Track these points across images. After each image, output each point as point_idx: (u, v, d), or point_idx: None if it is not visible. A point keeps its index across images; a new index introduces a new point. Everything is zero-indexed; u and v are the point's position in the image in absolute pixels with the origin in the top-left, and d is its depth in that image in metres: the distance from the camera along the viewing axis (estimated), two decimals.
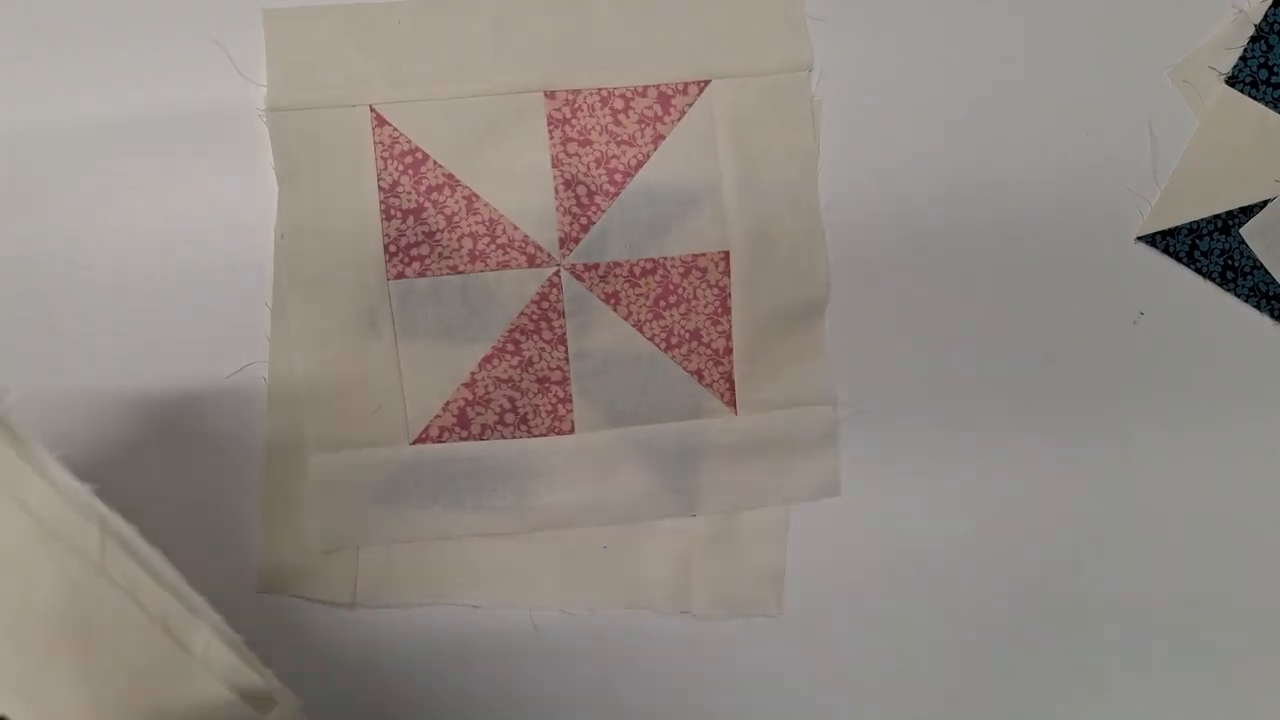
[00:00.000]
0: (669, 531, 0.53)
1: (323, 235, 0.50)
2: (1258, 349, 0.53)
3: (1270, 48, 0.51)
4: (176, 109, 0.50)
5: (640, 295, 0.52)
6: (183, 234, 0.50)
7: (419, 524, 0.51)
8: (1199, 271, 0.53)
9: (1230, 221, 0.52)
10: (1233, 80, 0.51)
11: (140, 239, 0.50)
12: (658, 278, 0.52)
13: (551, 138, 0.51)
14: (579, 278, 0.51)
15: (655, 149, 0.51)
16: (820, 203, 0.52)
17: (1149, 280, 0.53)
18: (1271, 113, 0.51)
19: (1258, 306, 0.52)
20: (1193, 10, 0.52)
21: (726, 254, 0.52)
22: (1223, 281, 0.52)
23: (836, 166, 0.52)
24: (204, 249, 0.50)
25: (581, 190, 0.51)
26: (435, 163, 0.51)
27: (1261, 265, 0.52)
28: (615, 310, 0.52)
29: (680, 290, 0.52)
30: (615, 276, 0.51)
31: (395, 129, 0.50)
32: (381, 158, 0.50)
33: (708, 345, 0.52)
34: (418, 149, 0.50)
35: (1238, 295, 0.53)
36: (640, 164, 0.51)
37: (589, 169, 0.51)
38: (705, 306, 0.52)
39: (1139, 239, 0.53)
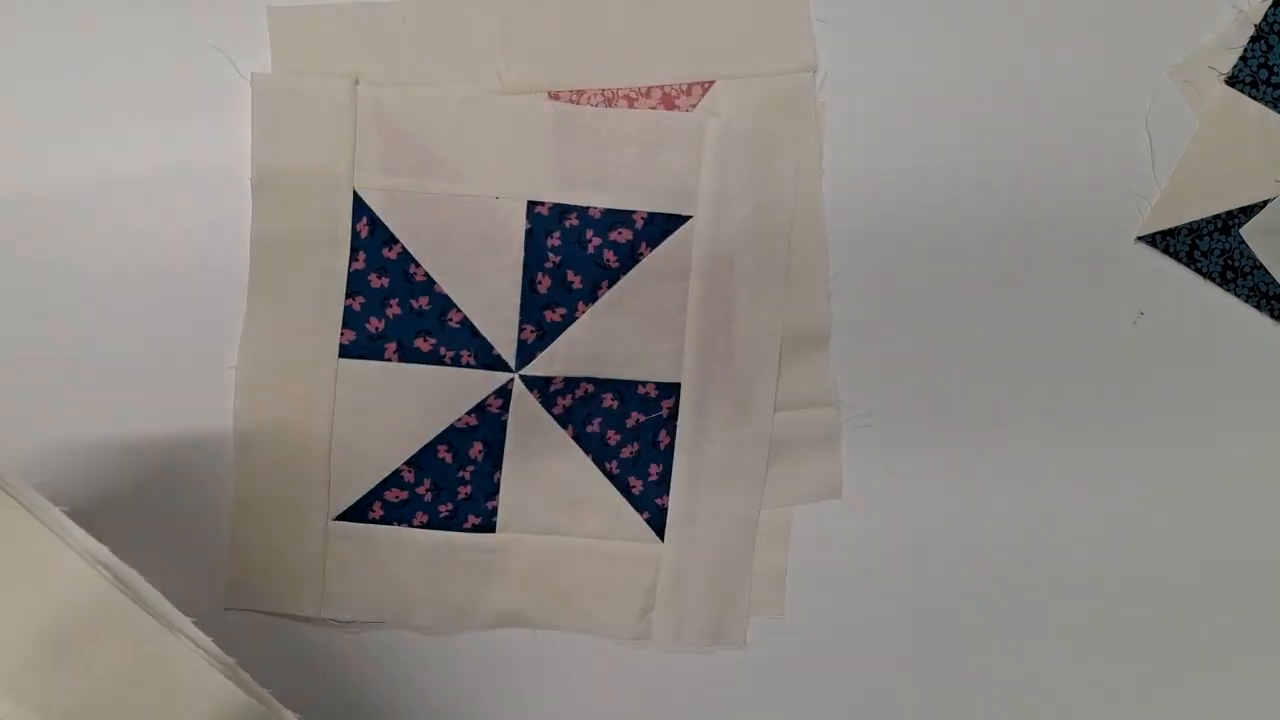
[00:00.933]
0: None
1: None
2: (1258, 349, 0.53)
3: (1270, 48, 0.51)
4: (174, 106, 0.50)
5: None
6: (173, 240, 0.50)
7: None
8: (1199, 271, 0.53)
9: (1230, 221, 0.52)
10: (1233, 80, 0.51)
11: (135, 242, 0.50)
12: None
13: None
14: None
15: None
16: (824, 203, 0.52)
17: (1149, 280, 0.53)
18: (1271, 113, 0.51)
19: (1258, 306, 0.53)
20: (1193, 10, 0.52)
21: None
22: (1223, 281, 0.53)
23: (839, 168, 0.52)
24: (196, 257, 0.50)
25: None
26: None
27: (1261, 265, 0.52)
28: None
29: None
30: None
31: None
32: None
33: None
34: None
35: (1238, 295, 0.53)
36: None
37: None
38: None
39: (1139, 239, 0.53)
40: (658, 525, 0.52)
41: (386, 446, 0.51)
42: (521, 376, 0.50)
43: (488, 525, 0.52)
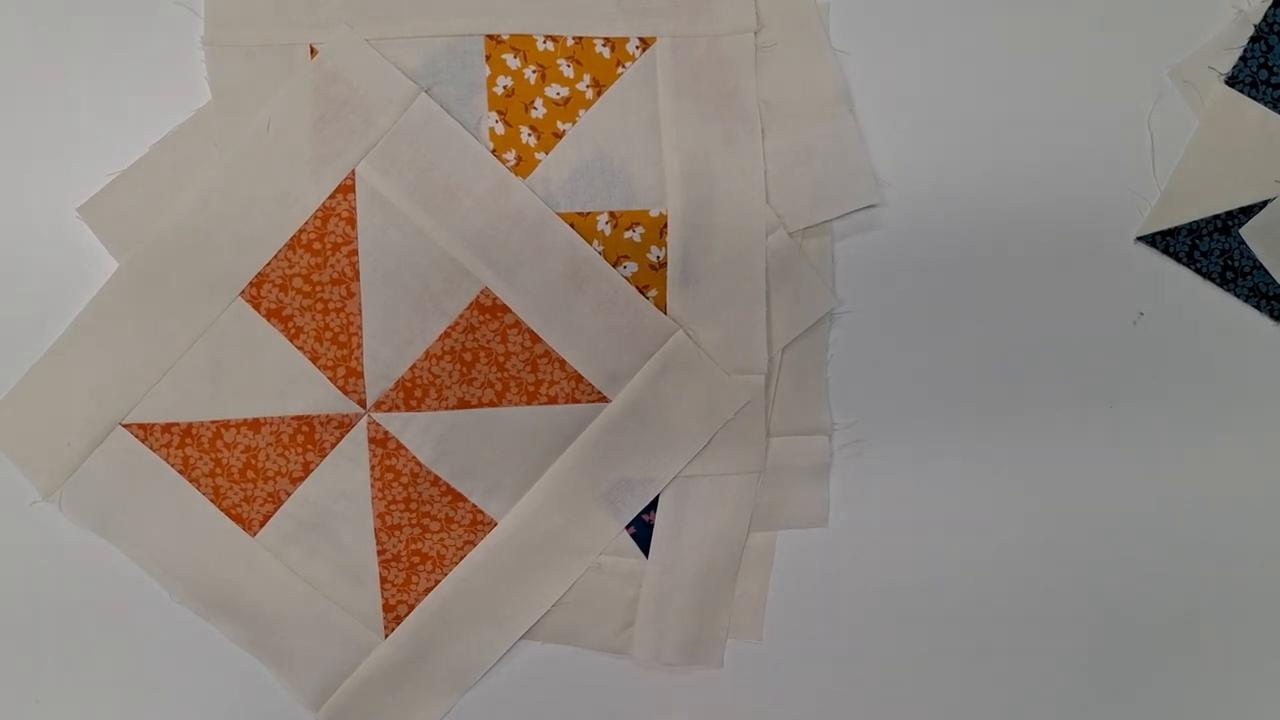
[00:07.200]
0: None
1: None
2: (1258, 349, 0.53)
3: (1270, 48, 0.51)
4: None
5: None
6: None
7: None
8: (1199, 271, 0.52)
9: (1230, 221, 0.52)
10: (1233, 80, 0.51)
11: None
12: None
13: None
14: None
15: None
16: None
17: (1149, 280, 0.53)
18: (1271, 113, 0.51)
19: (1258, 306, 0.52)
20: (1193, 10, 0.52)
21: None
22: (1223, 281, 0.52)
23: None
24: None
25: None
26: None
27: (1261, 265, 0.52)
28: None
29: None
30: None
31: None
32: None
33: None
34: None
35: (1238, 295, 0.52)
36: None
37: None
38: None
39: (1139, 239, 0.52)
40: (643, 541, 0.51)
41: None
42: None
43: None
